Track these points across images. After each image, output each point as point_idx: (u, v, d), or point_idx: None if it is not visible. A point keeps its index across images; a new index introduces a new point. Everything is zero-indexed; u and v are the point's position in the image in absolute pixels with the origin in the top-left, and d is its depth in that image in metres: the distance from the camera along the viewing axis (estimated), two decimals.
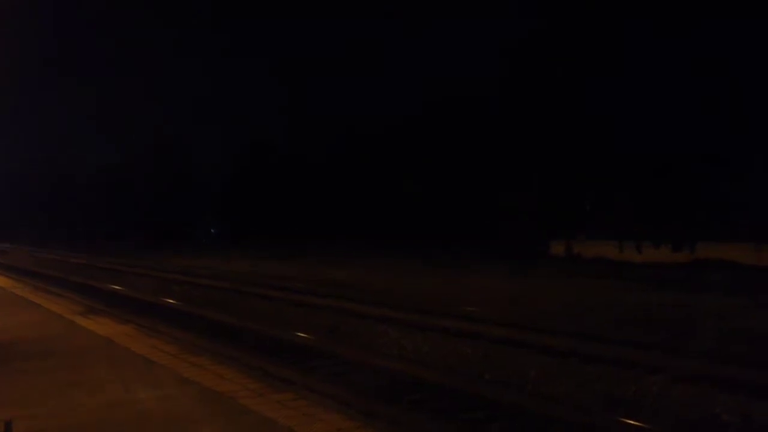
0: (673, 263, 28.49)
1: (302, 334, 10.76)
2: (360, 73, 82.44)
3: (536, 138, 38.62)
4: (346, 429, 4.77)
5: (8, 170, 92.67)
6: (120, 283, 21.04)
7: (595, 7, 36.60)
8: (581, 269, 25.42)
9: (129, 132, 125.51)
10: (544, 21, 39.78)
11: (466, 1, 63.43)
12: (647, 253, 31.46)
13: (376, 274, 23.89)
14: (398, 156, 47.97)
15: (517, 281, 20.85)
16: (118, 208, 78.94)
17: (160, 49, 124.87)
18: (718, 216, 30.19)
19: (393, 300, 15.18)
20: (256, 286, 19.24)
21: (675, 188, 33.05)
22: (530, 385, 7.84)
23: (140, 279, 23.20)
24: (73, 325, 9.74)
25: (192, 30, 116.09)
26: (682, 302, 14.84)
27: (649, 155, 34.16)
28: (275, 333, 11.05)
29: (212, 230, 73.85)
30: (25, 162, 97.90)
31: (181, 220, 72.27)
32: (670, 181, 33.46)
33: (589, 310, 13.74)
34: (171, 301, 16.05)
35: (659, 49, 34.75)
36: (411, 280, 21.50)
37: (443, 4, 64.39)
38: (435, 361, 9.19)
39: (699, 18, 33.20)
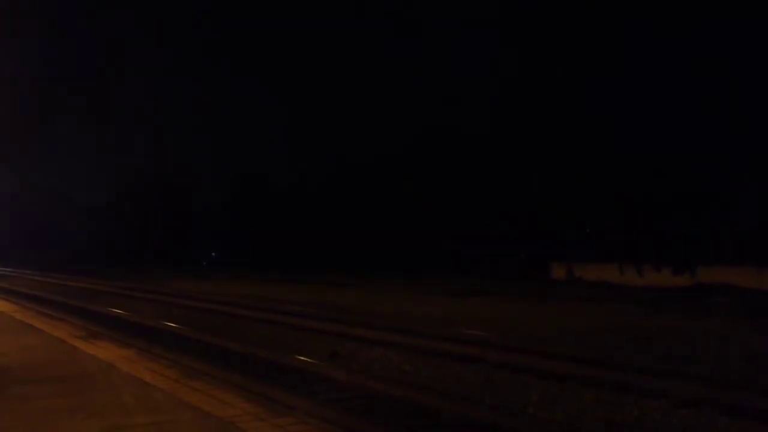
0: (675, 287, 28.40)
1: (303, 358, 10.74)
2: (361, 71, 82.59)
3: (536, 138, 38.64)
4: None
5: (9, 192, 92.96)
6: (120, 307, 21.01)
7: (595, 7, 36.87)
8: (583, 293, 25.33)
9: (129, 155, 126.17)
10: (544, 21, 40.05)
11: (467, 1, 63.80)
12: (648, 276, 31.40)
13: (376, 297, 23.83)
14: (397, 160, 47.65)
15: (519, 305, 20.79)
16: (119, 230, 78.92)
17: (158, 70, 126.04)
18: (718, 217, 30.11)
19: (393, 323, 15.14)
20: (256, 309, 19.20)
21: (675, 189, 33.00)
22: (531, 409, 7.81)
23: (140, 302, 23.16)
24: (74, 350, 9.72)
25: (190, 51, 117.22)
26: (684, 326, 14.79)
27: (649, 155, 34.15)
28: (276, 357, 11.02)
29: (213, 253, 73.73)
30: (24, 182, 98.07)
31: (181, 243, 72.07)
32: (670, 181, 33.42)
33: (591, 334, 13.70)
34: (171, 324, 16.02)
35: (659, 49, 35.01)
36: (412, 303, 21.43)
37: (443, 5, 64.75)
38: (436, 385, 9.16)
39: (699, 18, 33.48)
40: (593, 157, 36.07)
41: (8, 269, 58.24)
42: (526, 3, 44.49)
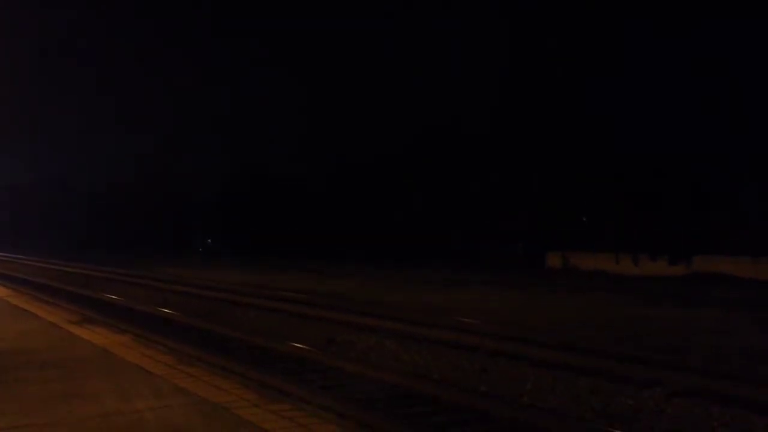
0: (671, 276, 28.49)
1: (299, 345, 10.74)
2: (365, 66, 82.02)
3: (536, 138, 38.65)
4: None
5: (9, 179, 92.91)
6: (116, 293, 20.99)
7: (595, 7, 36.80)
8: (578, 283, 25.40)
9: (129, 153, 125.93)
10: (544, 21, 39.95)
11: (466, 2, 63.33)
12: (644, 266, 31.50)
13: (375, 287, 23.86)
14: (398, 160, 47.45)
15: (515, 295, 20.83)
16: (116, 218, 78.79)
17: (159, 70, 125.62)
18: (718, 217, 30.24)
19: (390, 312, 15.15)
20: (253, 296, 19.19)
21: (675, 188, 33.07)
22: (526, 398, 7.83)
23: (136, 289, 23.13)
24: (70, 335, 9.70)
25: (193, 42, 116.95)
26: (679, 316, 14.84)
27: (649, 155, 34.20)
28: (271, 344, 11.02)
29: (209, 240, 73.54)
30: (24, 167, 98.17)
31: (180, 235, 71.87)
32: (670, 181, 33.50)
33: (587, 324, 13.73)
34: (167, 311, 16.01)
35: (659, 49, 34.96)
36: (409, 292, 21.47)
37: (443, 5, 64.25)
38: (431, 373, 9.17)
39: (699, 18, 33.44)
40: (593, 156, 36.16)
41: (5, 254, 58.21)
42: (526, 3, 44.33)
